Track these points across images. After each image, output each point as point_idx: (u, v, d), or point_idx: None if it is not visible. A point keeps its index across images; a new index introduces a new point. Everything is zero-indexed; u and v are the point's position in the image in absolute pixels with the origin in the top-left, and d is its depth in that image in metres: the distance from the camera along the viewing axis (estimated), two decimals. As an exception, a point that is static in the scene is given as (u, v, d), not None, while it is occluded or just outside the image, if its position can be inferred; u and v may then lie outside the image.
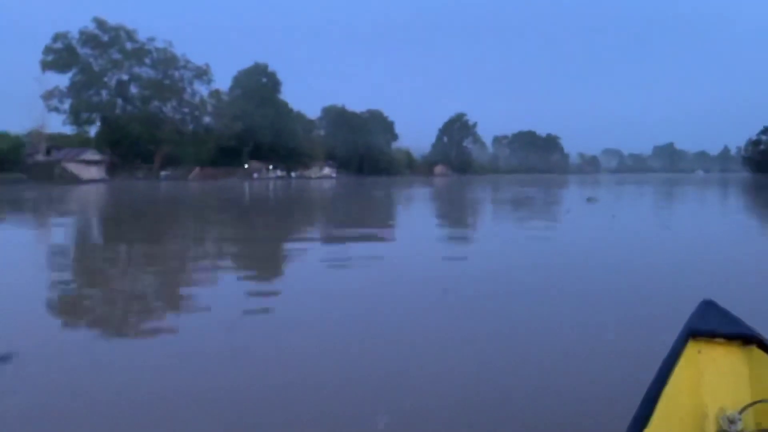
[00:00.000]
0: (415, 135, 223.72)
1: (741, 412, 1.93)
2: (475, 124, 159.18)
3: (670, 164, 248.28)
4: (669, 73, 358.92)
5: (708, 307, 2.27)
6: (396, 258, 8.71)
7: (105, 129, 73.06)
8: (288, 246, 10.85)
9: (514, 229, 13.94)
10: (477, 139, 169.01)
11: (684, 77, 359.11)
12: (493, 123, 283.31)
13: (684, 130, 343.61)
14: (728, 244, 10.50)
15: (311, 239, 12.14)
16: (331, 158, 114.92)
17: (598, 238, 11.41)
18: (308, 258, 8.80)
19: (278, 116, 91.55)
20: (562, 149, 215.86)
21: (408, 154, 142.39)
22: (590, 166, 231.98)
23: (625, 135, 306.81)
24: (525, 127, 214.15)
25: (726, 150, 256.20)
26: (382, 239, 11.56)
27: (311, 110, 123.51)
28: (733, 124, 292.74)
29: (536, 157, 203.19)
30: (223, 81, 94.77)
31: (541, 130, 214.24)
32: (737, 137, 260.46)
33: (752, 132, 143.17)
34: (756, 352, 2.08)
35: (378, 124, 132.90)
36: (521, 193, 34.67)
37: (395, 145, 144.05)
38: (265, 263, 8.59)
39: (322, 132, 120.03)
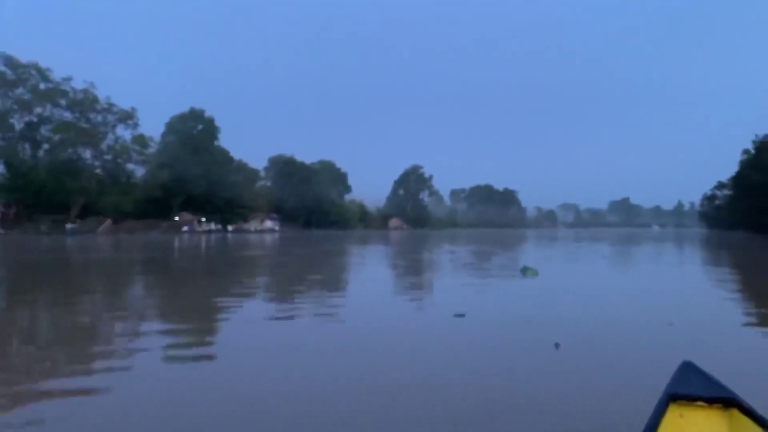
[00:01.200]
0: (371, 187, 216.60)
1: None
2: (430, 177, 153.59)
3: (626, 219, 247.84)
4: (625, 130, 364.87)
5: (687, 369, 2.32)
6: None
7: (7, 176, 63.83)
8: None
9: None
10: (433, 192, 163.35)
11: (639, 134, 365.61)
12: (450, 177, 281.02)
13: (639, 186, 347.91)
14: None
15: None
16: (277, 210, 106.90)
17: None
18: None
19: (215, 165, 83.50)
20: (519, 203, 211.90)
21: (361, 207, 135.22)
22: (547, 220, 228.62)
23: (582, 190, 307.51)
24: (483, 181, 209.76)
25: (680, 205, 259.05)
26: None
27: (258, 160, 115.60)
28: (686, 180, 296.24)
29: (494, 210, 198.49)
30: (156, 127, 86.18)
31: (499, 184, 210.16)
32: (690, 193, 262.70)
33: (705, 187, 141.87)
34: (736, 414, 2.09)
35: (329, 175, 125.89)
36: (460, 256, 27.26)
37: (349, 197, 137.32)
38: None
39: (268, 183, 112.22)
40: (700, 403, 2.12)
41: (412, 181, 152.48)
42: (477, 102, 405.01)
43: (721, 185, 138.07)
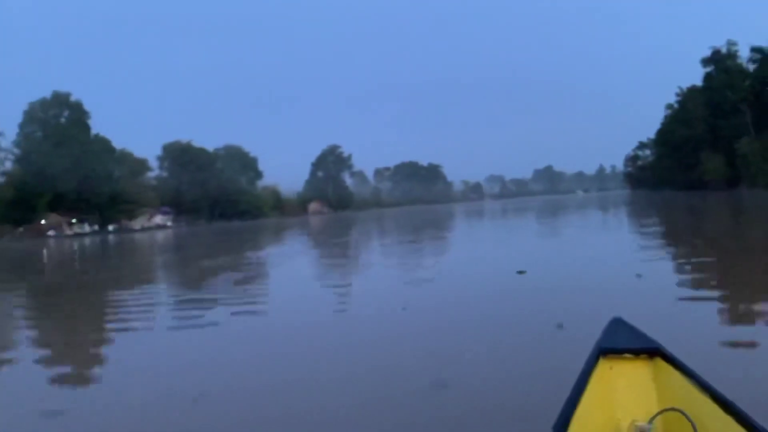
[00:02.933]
0: (288, 171, 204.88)
1: (650, 421, 2.02)
2: (350, 156, 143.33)
3: (550, 186, 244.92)
4: (545, 98, 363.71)
5: (617, 324, 2.42)
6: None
7: None
8: None
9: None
10: (354, 173, 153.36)
11: (559, 101, 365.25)
12: (374, 155, 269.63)
13: (561, 153, 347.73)
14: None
15: None
16: (175, 204, 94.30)
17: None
18: None
19: (87, 157, 70.34)
20: (444, 178, 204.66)
21: (276, 193, 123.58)
22: (474, 193, 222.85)
23: (507, 161, 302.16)
24: (408, 159, 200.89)
25: (602, 169, 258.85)
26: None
27: (152, 149, 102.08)
28: (606, 145, 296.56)
29: (420, 187, 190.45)
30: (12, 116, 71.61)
31: (424, 160, 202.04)
32: (611, 157, 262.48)
33: (624, 150, 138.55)
34: (660, 363, 2.21)
35: (236, 161, 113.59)
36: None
37: (263, 183, 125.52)
38: None
39: (164, 174, 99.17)
40: (627, 355, 2.22)
41: (331, 161, 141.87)
42: (397, 78, 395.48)
43: (642, 145, 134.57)
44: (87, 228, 69.63)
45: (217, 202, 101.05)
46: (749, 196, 46.83)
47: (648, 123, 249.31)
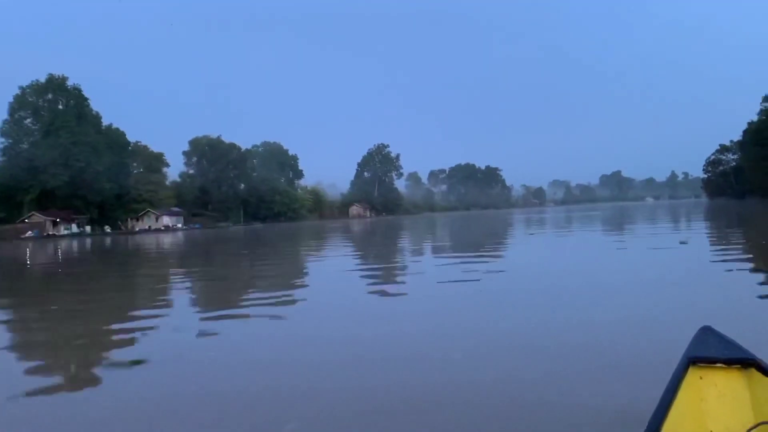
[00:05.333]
0: (334, 171, 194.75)
1: None
2: (398, 156, 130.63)
3: (618, 193, 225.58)
4: (614, 102, 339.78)
5: (706, 333, 2.25)
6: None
7: None
8: None
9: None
10: (401, 173, 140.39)
11: (629, 106, 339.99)
12: (430, 158, 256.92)
13: (631, 159, 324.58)
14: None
15: None
16: (201, 203, 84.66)
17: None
18: None
19: (84, 149, 60.99)
20: (503, 182, 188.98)
21: (316, 194, 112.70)
22: (536, 198, 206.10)
23: (572, 166, 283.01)
24: (465, 161, 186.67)
25: (673, 176, 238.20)
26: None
27: (180, 144, 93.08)
28: (679, 151, 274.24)
29: (476, 191, 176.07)
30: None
31: (482, 164, 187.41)
32: (683, 163, 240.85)
33: (698, 157, 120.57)
34: (755, 375, 2.04)
35: (273, 159, 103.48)
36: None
37: (304, 183, 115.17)
38: None
39: (191, 170, 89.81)
40: (719, 365, 2.06)
41: (378, 162, 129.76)
42: (456, 78, 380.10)
43: (724, 149, 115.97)
44: (75, 229, 60.07)
45: (246, 202, 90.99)
46: None
47: (727, 127, 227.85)
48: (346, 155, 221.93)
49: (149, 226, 67.91)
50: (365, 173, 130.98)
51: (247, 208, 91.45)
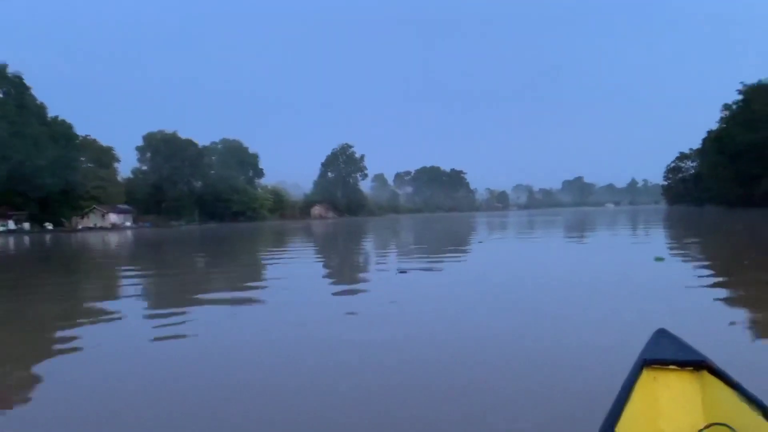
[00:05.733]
0: (297, 172, 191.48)
1: None
2: (362, 157, 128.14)
3: (580, 198, 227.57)
4: (577, 109, 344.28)
5: (661, 335, 2.31)
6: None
7: None
8: None
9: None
10: (372, 176, 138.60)
11: (591, 113, 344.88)
12: (395, 160, 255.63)
13: (592, 165, 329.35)
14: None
15: None
16: (154, 201, 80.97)
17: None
18: None
19: (27, 141, 57.10)
20: (468, 185, 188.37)
21: (277, 194, 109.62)
22: (499, 202, 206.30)
23: (536, 171, 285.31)
24: (430, 164, 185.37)
25: (633, 182, 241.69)
26: None
27: (135, 139, 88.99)
28: (638, 158, 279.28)
29: (441, 193, 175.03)
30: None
31: (447, 166, 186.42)
32: (642, 170, 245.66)
33: (657, 164, 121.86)
34: (707, 377, 2.09)
35: (232, 157, 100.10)
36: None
37: (266, 182, 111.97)
38: None
39: (144, 167, 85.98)
40: (672, 366, 2.12)
41: (342, 162, 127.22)
42: (421, 81, 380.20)
43: (684, 156, 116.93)
44: (12, 225, 55.98)
45: (202, 201, 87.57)
46: None
47: (686, 135, 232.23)
48: (311, 155, 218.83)
49: (95, 224, 64.10)
50: (329, 173, 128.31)
51: (203, 207, 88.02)
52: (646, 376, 2.09)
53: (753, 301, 6.64)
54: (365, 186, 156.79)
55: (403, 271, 9.40)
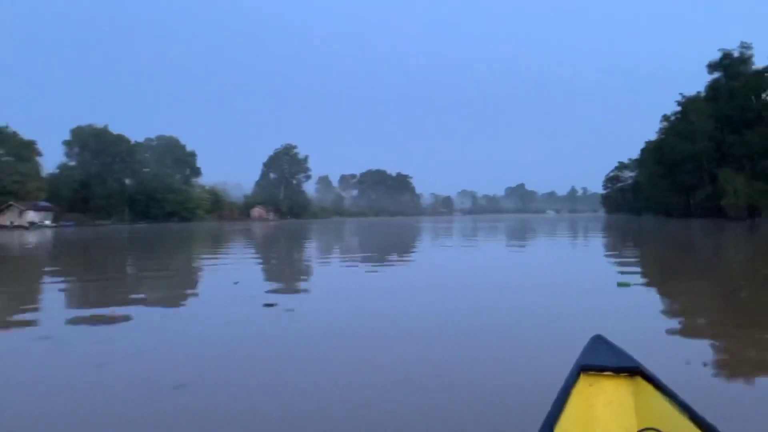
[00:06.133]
0: (238, 172, 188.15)
1: None
2: (306, 158, 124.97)
3: (521, 205, 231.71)
4: (521, 118, 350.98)
5: (597, 342, 2.36)
6: None
7: None
8: None
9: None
10: (317, 178, 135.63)
11: (535, 122, 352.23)
12: (342, 162, 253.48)
13: (534, 173, 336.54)
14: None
15: None
16: (82, 198, 75.78)
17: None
18: None
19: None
20: (413, 189, 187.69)
21: (215, 194, 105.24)
22: (444, 207, 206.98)
23: (480, 177, 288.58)
24: (376, 167, 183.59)
25: (573, 191, 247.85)
26: None
27: (62, 133, 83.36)
28: (578, 168, 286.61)
29: (386, 197, 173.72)
30: None
31: (394, 170, 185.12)
32: (581, 180, 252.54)
33: (596, 173, 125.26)
34: (640, 382, 2.13)
35: (168, 154, 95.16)
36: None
37: (203, 181, 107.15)
38: None
39: (72, 162, 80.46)
40: (608, 373, 2.16)
41: (285, 162, 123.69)
42: (369, 86, 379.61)
43: (622, 166, 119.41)
44: None
45: (135, 199, 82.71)
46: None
47: (625, 146, 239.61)
48: (255, 155, 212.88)
49: (11, 222, 58.86)
50: (271, 174, 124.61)
51: (135, 206, 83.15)
52: (583, 382, 2.10)
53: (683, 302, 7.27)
54: (309, 188, 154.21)
55: (270, 305, 7.12)
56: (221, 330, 5.75)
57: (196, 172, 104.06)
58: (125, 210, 79.53)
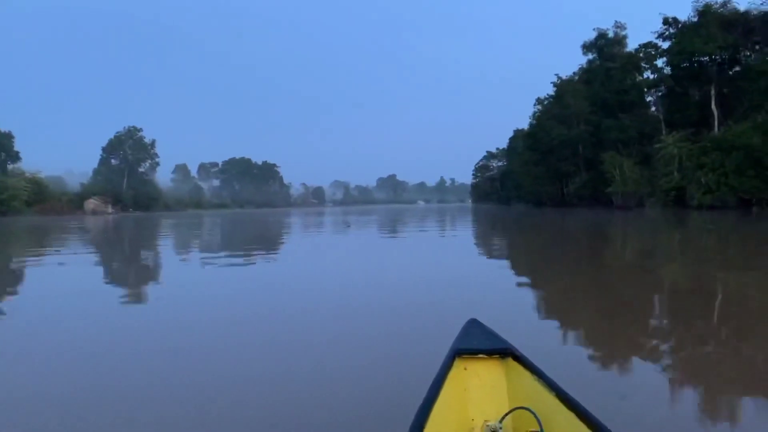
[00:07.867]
0: (76, 157, 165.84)
1: (501, 420, 2.00)
2: (153, 143, 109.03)
3: (393, 195, 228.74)
4: (392, 109, 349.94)
5: (472, 325, 2.38)
6: None
7: None
8: None
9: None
10: (173, 167, 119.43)
11: (405, 113, 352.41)
12: (202, 150, 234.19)
13: (405, 163, 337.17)
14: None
15: None
16: None
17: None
18: None
19: None
20: (281, 179, 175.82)
21: (38, 183, 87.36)
22: (315, 197, 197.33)
23: (352, 168, 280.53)
24: (239, 155, 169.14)
25: (442, 181, 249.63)
26: None
27: None
28: (447, 158, 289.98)
29: (252, 188, 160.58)
30: None
31: (260, 159, 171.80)
32: (451, 169, 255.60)
33: (463, 164, 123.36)
34: (511, 363, 2.17)
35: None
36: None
37: (25, 168, 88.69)
38: None
39: None
40: (481, 355, 2.20)
41: (129, 147, 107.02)
42: (236, 74, 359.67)
43: (490, 155, 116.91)
44: None
45: None
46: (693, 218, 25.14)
47: (496, 136, 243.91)
48: (92, 139, 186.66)
49: None
50: (112, 160, 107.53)
51: None
52: (458, 366, 2.14)
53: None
54: (164, 177, 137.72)
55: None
56: None
57: (14, 157, 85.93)
58: None
